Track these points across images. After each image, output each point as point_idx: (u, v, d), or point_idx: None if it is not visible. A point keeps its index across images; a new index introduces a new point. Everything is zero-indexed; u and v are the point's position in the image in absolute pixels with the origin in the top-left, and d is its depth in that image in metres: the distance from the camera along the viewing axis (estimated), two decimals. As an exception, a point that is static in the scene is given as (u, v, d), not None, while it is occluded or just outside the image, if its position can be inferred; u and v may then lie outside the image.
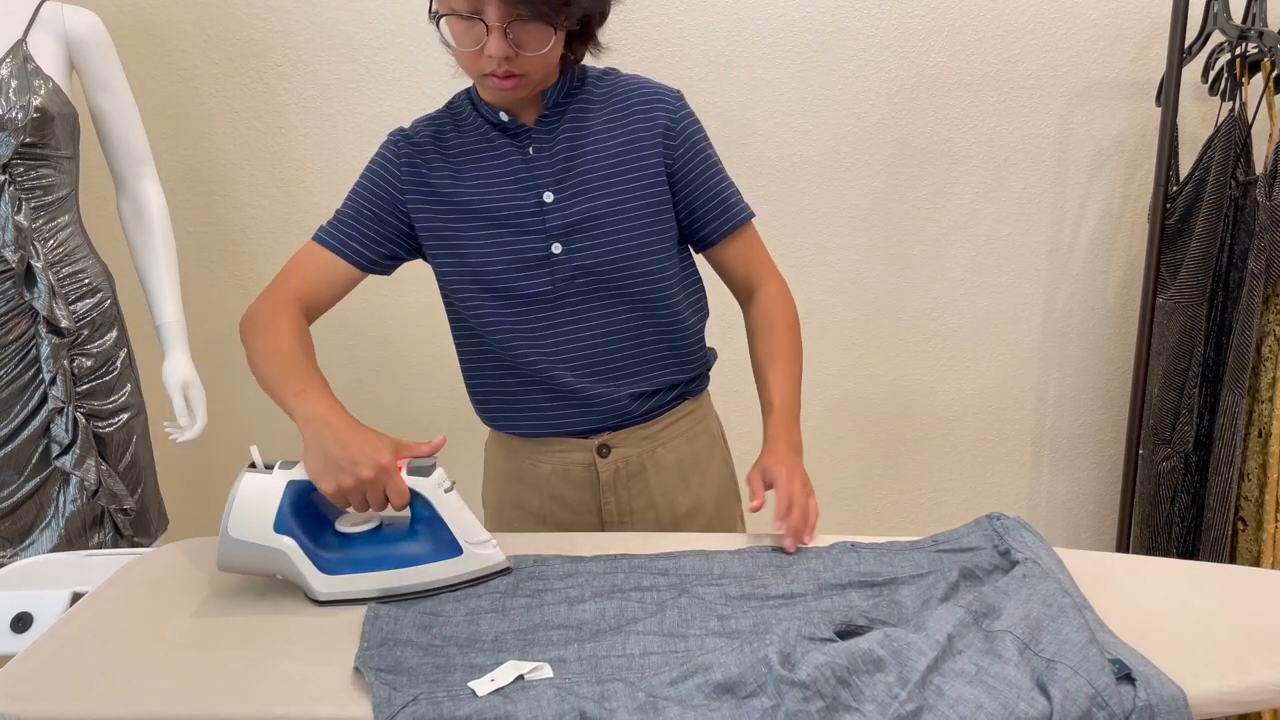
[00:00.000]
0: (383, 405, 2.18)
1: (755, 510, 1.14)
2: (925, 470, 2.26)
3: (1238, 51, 1.83)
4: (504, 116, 1.20)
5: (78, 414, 1.56)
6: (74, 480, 1.56)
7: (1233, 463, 1.84)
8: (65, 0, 1.61)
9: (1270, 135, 1.79)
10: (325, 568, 1.02)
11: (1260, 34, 1.78)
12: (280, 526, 1.01)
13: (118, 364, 1.62)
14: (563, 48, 1.15)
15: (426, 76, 2.01)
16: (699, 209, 1.26)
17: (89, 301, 1.59)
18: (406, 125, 1.26)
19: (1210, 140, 1.85)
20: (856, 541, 1.13)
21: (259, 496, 1.02)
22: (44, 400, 1.54)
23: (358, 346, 2.15)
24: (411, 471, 1.03)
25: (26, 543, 1.55)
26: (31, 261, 1.51)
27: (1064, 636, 0.86)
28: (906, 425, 2.23)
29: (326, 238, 1.25)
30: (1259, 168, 1.83)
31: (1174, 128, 1.86)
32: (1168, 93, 1.82)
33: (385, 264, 1.27)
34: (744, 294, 1.33)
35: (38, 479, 1.55)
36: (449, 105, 1.27)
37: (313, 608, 1.01)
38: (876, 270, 2.14)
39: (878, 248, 2.13)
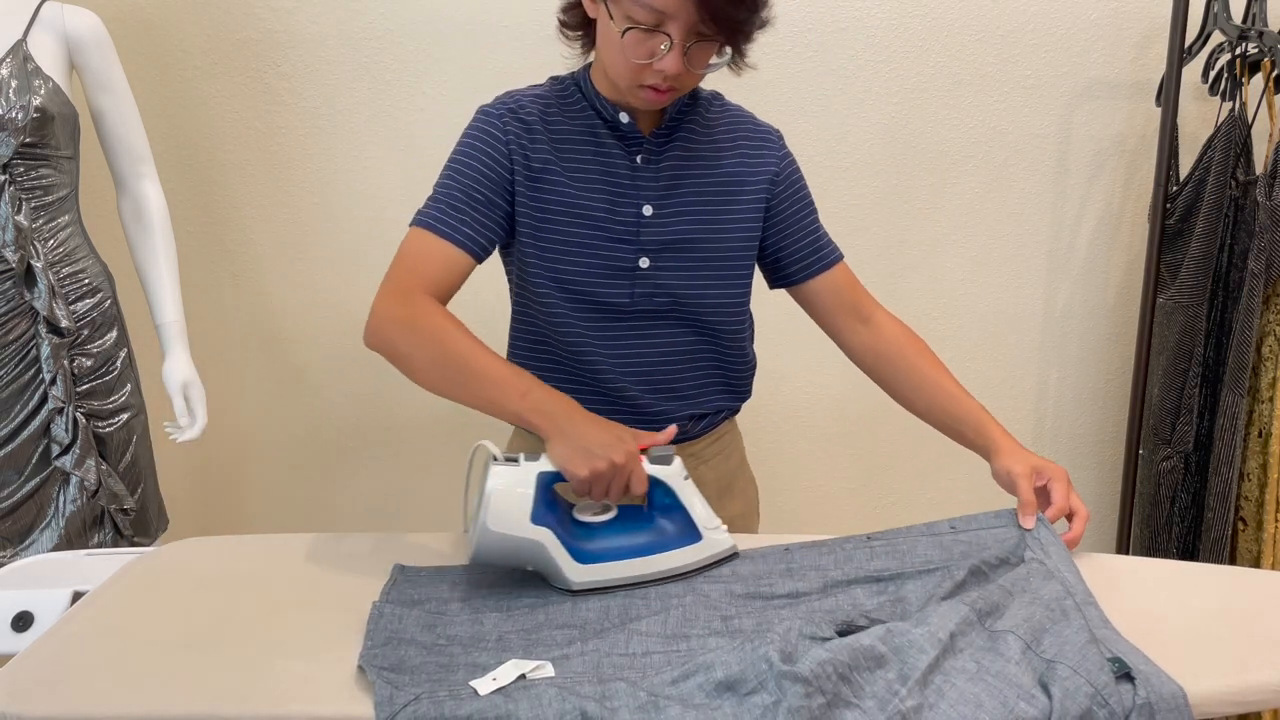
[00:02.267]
0: (383, 405, 2.18)
1: (1030, 526, 1.07)
2: (925, 470, 2.26)
3: (1238, 51, 1.83)
4: (624, 118, 1.17)
5: (78, 414, 1.56)
6: (74, 480, 1.56)
7: (1233, 463, 1.84)
8: (65, 0, 1.61)
9: (1270, 135, 1.79)
10: (579, 557, 1.03)
11: (1260, 34, 1.78)
12: (536, 518, 1.01)
13: (118, 364, 1.62)
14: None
15: (427, 76, 2.01)
16: (792, 247, 1.26)
17: (89, 301, 1.59)
18: (490, 102, 1.19)
19: (1210, 140, 1.85)
20: (873, 534, 1.13)
21: (512, 489, 1.01)
22: (44, 400, 1.54)
23: (358, 346, 2.15)
24: (653, 460, 1.05)
25: (27, 543, 1.55)
26: (31, 261, 1.51)
27: (1065, 638, 0.86)
28: (907, 425, 2.23)
29: (439, 225, 1.13)
30: (1259, 168, 1.83)
31: (1174, 128, 1.86)
32: (1168, 93, 1.82)
33: (489, 250, 1.18)
34: (853, 320, 1.29)
35: (38, 479, 1.55)
36: (554, 85, 1.22)
37: (313, 607, 1.01)
38: (876, 270, 2.14)
39: (878, 248, 2.13)
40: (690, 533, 1.06)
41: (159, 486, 1.74)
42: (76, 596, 1.12)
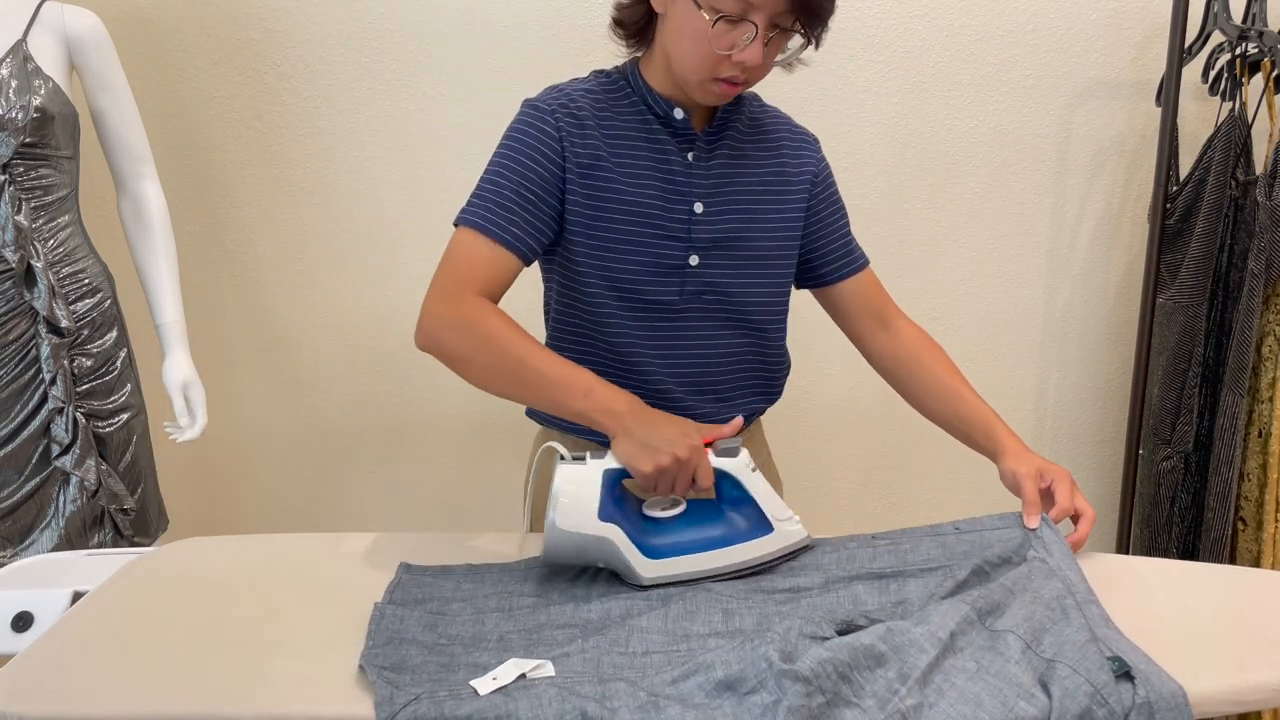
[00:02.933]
0: (383, 405, 2.18)
1: (1035, 529, 1.07)
2: (925, 470, 2.26)
3: (1238, 51, 1.83)
4: (679, 114, 1.17)
5: (78, 414, 1.56)
6: (74, 480, 1.56)
7: (1233, 463, 1.84)
8: (65, 0, 1.61)
9: (1270, 135, 1.79)
10: (648, 552, 1.03)
11: (1260, 34, 1.78)
12: (604, 515, 1.02)
13: (118, 364, 1.62)
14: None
15: (427, 76, 2.01)
16: (826, 248, 1.29)
17: (89, 301, 1.59)
18: (538, 96, 1.18)
19: (1210, 140, 1.85)
20: (876, 534, 1.13)
21: (579, 487, 1.02)
22: (44, 400, 1.54)
23: (358, 346, 2.15)
24: (719, 453, 1.05)
25: (26, 543, 1.55)
26: (31, 261, 1.51)
27: (1065, 637, 0.86)
28: (906, 425, 2.23)
29: (489, 226, 1.11)
30: (1259, 168, 1.83)
31: (1174, 128, 1.86)
32: (1168, 93, 1.82)
33: (539, 252, 1.16)
34: (875, 324, 1.32)
35: (38, 479, 1.55)
36: (602, 79, 1.21)
37: (313, 607, 1.01)
38: (876, 270, 2.12)
39: (878, 248, 2.13)
40: (761, 524, 1.06)
41: (159, 486, 1.74)
42: (76, 596, 1.12)
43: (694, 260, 1.18)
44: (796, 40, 1.12)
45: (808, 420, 2.22)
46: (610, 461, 1.03)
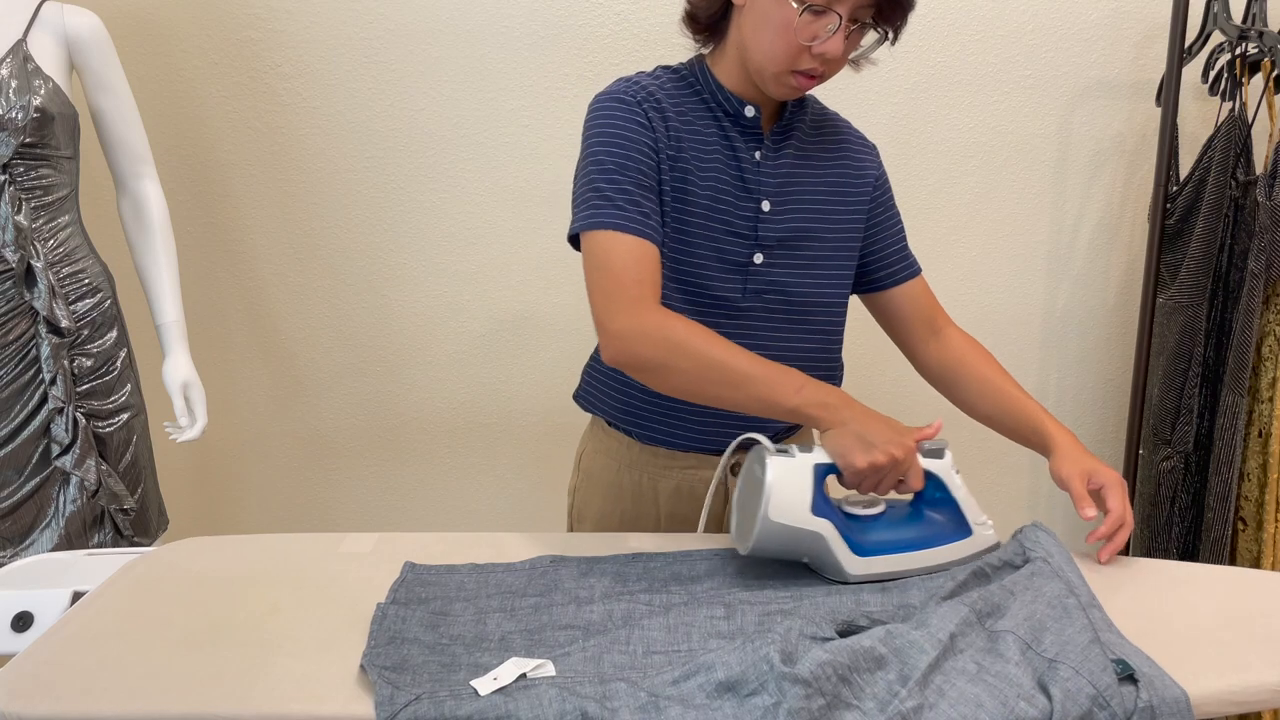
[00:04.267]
0: (383, 405, 2.18)
1: (1091, 519, 1.09)
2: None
3: (1238, 51, 1.83)
4: (750, 112, 1.18)
5: (78, 414, 1.56)
6: (74, 480, 1.56)
7: (1233, 463, 1.84)
8: (65, 0, 1.61)
9: (1270, 135, 1.79)
10: (856, 549, 1.03)
11: (1260, 34, 1.78)
12: (817, 509, 1.01)
13: (118, 364, 1.62)
14: None
15: (426, 76, 2.01)
16: (884, 253, 1.29)
17: (89, 301, 1.59)
18: (615, 90, 1.16)
19: (1210, 140, 1.85)
20: None
21: (791, 481, 1.01)
22: (44, 400, 1.54)
23: (358, 346, 2.15)
24: (925, 454, 1.04)
25: (26, 543, 1.55)
26: (31, 261, 1.51)
27: (1066, 637, 0.86)
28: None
29: (628, 223, 1.10)
30: (1259, 168, 1.83)
31: (1174, 128, 1.86)
32: (1168, 93, 1.83)
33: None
34: (926, 331, 1.32)
35: (38, 479, 1.55)
36: (670, 74, 1.20)
37: (313, 607, 1.01)
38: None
39: (878, 248, 2.13)
40: (961, 527, 1.06)
41: (159, 486, 1.75)
42: (76, 596, 1.12)
43: (758, 258, 1.19)
44: (873, 35, 1.13)
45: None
46: (819, 456, 1.03)
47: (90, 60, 1.58)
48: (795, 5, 1.06)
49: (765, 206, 1.18)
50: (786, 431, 1.29)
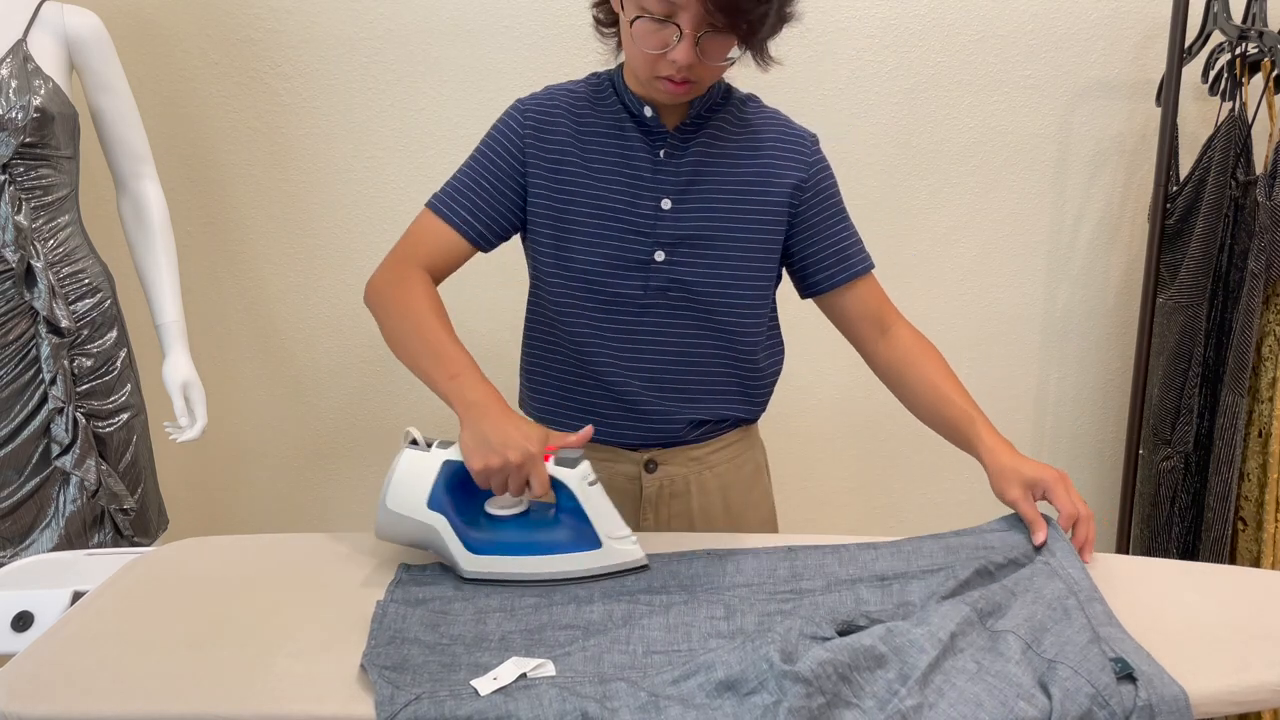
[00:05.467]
0: (383, 404, 2.18)
1: (1041, 545, 1.06)
2: (925, 470, 2.26)
3: (1238, 51, 1.83)
4: (649, 112, 1.19)
5: (78, 414, 1.56)
6: (74, 480, 1.56)
7: (1233, 463, 1.84)
8: (65, 0, 1.61)
9: (1270, 135, 1.79)
10: (472, 546, 1.05)
11: (1260, 34, 1.78)
12: (433, 503, 1.05)
13: (118, 364, 1.62)
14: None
15: (426, 76, 2.01)
16: (818, 254, 1.27)
17: (89, 301, 1.59)
18: (526, 95, 1.24)
19: (1210, 140, 1.85)
20: (875, 541, 1.13)
21: (416, 473, 1.06)
22: (44, 400, 1.54)
23: (358, 346, 2.15)
24: (558, 462, 1.05)
25: (26, 543, 1.55)
26: (31, 261, 1.51)
27: (1066, 638, 0.86)
28: (906, 425, 2.22)
29: (439, 206, 1.21)
30: (1259, 168, 1.83)
31: (1174, 128, 1.86)
32: (1168, 93, 1.83)
33: (491, 239, 1.23)
34: (875, 331, 1.30)
35: (38, 479, 1.55)
36: (588, 81, 1.25)
37: (313, 607, 1.01)
38: (876, 270, 2.13)
39: (877, 248, 2.11)
40: (589, 538, 1.06)
41: (159, 486, 1.74)
42: (76, 596, 1.12)
43: (659, 256, 1.19)
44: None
45: (806, 419, 2.22)
46: (454, 453, 1.06)
47: (90, 60, 1.58)
48: (633, 15, 1.08)
49: (665, 204, 1.19)
50: (732, 425, 1.30)
